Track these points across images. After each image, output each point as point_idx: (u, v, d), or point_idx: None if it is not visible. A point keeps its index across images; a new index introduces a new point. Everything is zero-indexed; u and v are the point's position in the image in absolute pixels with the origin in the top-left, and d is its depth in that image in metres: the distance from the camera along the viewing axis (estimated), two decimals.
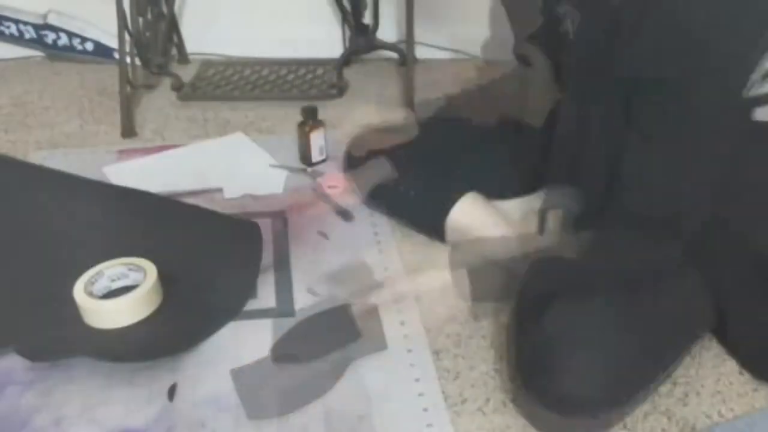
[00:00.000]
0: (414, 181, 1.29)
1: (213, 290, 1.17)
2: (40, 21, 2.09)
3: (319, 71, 2.05)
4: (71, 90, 1.98)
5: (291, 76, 2.02)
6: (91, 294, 1.11)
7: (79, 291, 1.10)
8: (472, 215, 1.23)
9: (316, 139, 1.54)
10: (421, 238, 1.33)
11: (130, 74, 1.81)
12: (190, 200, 1.40)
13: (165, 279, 1.15)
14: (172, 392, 1.01)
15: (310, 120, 1.54)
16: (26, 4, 2.08)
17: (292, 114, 1.84)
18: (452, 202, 1.23)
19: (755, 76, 0.90)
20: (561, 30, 0.97)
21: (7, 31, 2.11)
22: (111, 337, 1.08)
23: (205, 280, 1.19)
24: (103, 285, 1.15)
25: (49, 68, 2.12)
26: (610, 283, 0.98)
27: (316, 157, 1.55)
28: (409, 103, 1.82)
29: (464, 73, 2.03)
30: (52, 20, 2.08)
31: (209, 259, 1.22)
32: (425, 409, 0.98)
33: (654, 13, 0.83)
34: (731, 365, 1.07)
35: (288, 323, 1.12)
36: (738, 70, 0.87)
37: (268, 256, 1.26)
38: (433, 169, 1.27)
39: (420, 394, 1.00)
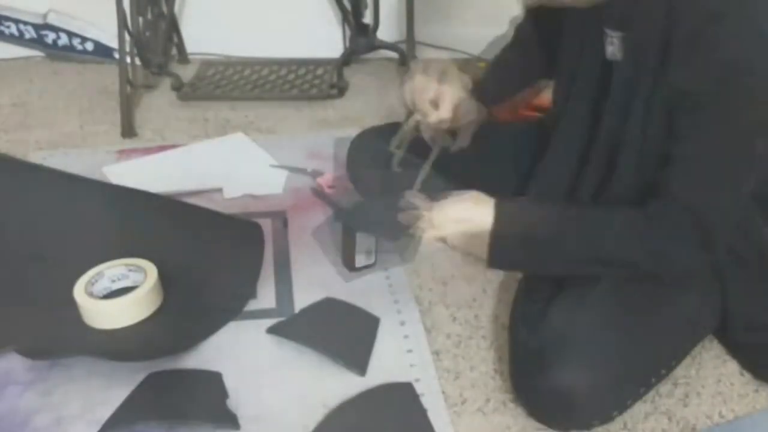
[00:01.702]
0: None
1: (213, 290, 1.17)
2: (40, 21, 2.08)
3: (319, 71, 2.04)
4: (71, 90, 1.98)
5: (291, 76, 2.02)
6: (91, 294, 1.11)
7: (79, 291, 1.10)
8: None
9: (365, 239, 1.20)
10: None
11: (130, 74, 1.81)
12: (191, 200, 1.40)
13: (166, 279, 1.15)
14: None
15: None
16: (26, 4, 2.08)
17: (292, 114, 1.85)
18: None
19: None
20: (607, 55, 0.99)
21: (7, 31, 2.11)
22: (111, 337, 1.08)
23: (206, 281, 1.18)
24: (103, 285, 1.15)
25: (49, 68, 2.11)
26: (610, 287, 0.98)
27: (361, 261, 1.22)
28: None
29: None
30: (52, 20, 2.08)
31: (210, 259, 1.22)
32: (425, 410, 0.98)
33: (708, 28, 0.85)
34: (732, 366, 1.07)
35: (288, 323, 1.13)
36: None
37: (268, 256, 1.26)
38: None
39: (420, 395, 1.00)
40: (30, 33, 2.11)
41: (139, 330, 1.09)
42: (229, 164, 1.58)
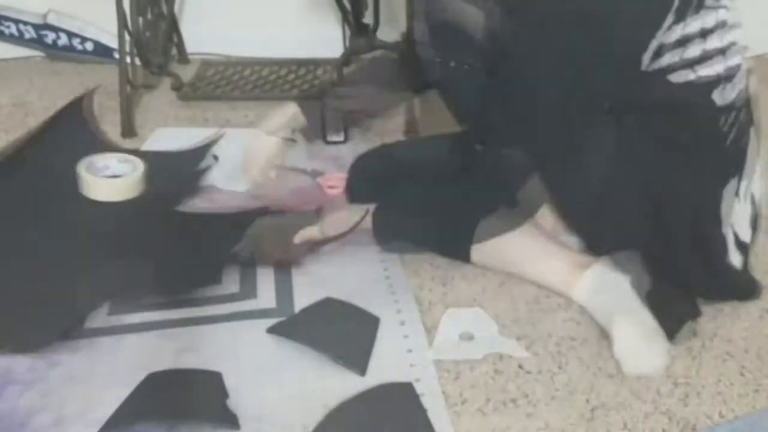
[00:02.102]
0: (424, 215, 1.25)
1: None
2: (40, 21, 2.09)
3: (319, 71, 2.05)
4: (71, 90, 1.98)
5: (291, 76, 2.02)
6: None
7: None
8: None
9: (332, 118, 1.53)
10: None
11: (130, 74, 1.81)
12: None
13: None
14: None
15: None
16: (26, 4, 2.08)
17: None
18: (477, 218, 1.21)
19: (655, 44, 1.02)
20: None
21: (7, 31, 2.11)
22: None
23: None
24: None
25: (49, 68, 2.12)
26: None
27: (331, 137, 1.58)
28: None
29: None
30: (52, 20, 2.09)
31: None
32: (425, 410, 0.98)
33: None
34: (732, 366, 1.07)
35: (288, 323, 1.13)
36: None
37: None
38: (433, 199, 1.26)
39: (420, 394, 1.00)
40: (30, 33, 2.11)
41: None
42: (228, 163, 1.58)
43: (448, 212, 1.23)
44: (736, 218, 1.11)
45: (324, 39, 2.11)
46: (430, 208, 1.24)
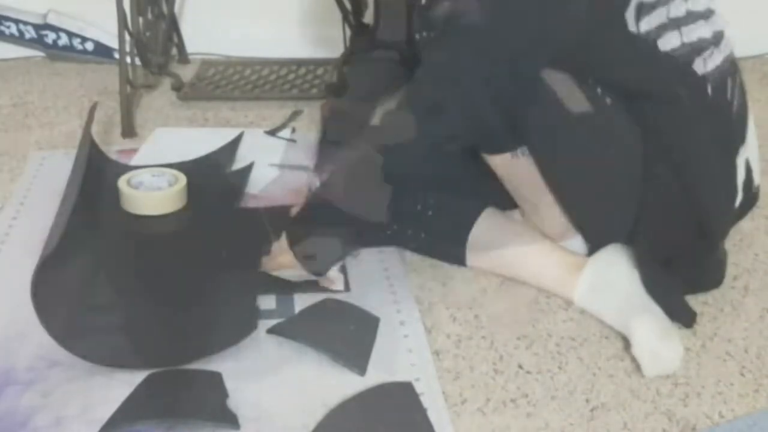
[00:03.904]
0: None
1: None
2: (40, 21, 2.09)
3: (319, 71, 2.05)
4: (71, 90, 1.98)
5: (291, 76, 2.02)
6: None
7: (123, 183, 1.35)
8: (493, 231, 1.21)
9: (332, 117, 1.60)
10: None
11: (130, 74, 1.81)
12: None
13: None
14: None
15: (330, 97, 1.66)
16: (26, 4, 2.08)
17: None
18: (471, 221, 1.21)
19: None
20: None
21: (7, 31, 2.11)
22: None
23: None
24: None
25: (49, 68, 2.11)
26: None
27: (331, 137, 1.58)
28: None
29: None
30: (52, 20, 2.08)
31: None
32: (425, 409, 0.98)
33: None
34: (732, 366, 1.07)
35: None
36: None
37: None
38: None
39: (420, 394, 1.00)
40: (30, 33, 2.11)
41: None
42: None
43: (441, 217, 1.22)
44: None
45: (324, 39, 2.11)
46: (424, 213, 1.22)
